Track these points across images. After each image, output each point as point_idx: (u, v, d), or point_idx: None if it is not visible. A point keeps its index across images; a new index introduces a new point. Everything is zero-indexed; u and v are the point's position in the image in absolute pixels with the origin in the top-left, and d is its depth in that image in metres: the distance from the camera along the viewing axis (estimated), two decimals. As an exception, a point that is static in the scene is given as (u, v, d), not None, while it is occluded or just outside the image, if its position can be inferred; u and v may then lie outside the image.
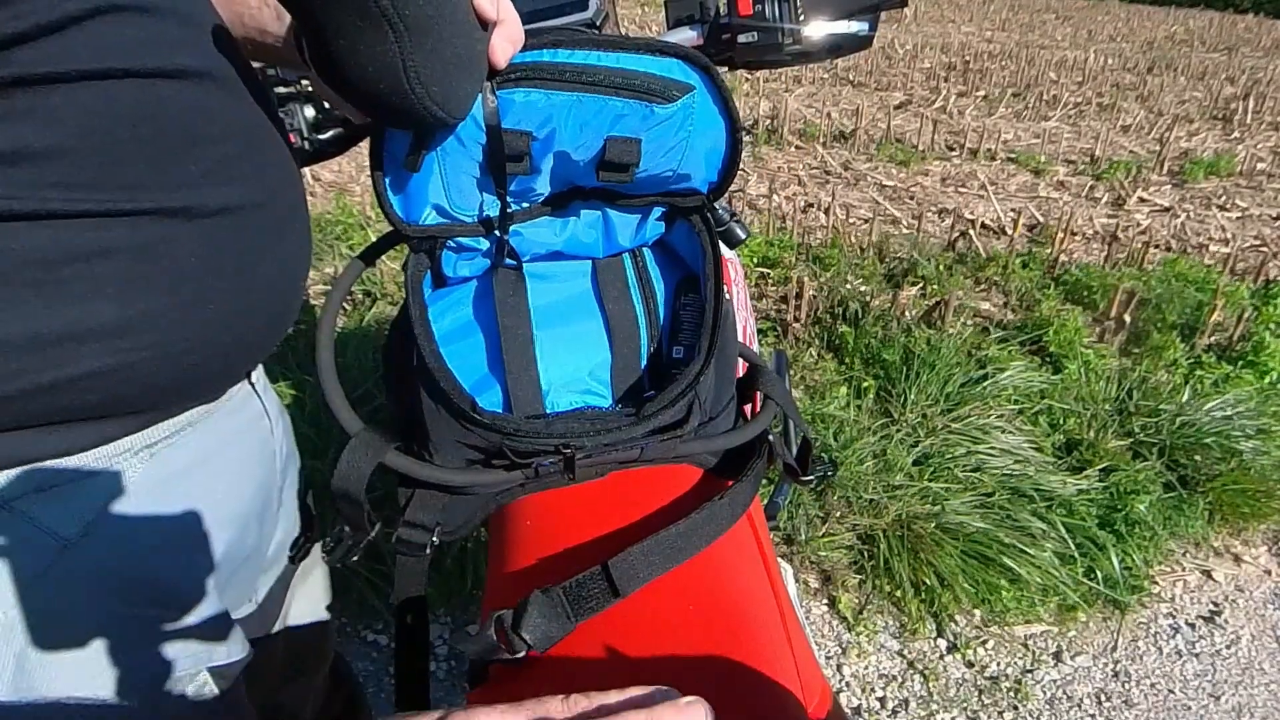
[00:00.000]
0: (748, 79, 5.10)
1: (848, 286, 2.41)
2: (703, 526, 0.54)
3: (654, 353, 0.62)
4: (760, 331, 2.22)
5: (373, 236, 2.34)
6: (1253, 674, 1.42)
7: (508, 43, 0.51)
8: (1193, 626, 1.51)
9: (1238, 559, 1.67)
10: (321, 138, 0.72)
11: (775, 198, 3.15)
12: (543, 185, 0.60)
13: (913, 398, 1.84)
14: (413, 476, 0.58)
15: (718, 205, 0.69)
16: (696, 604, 0.53)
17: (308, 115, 0.71)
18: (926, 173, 3.73)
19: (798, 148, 4.04)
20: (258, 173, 0.48)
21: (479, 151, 0.55)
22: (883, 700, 1.35)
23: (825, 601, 1.52)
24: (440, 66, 0.45)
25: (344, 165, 3.47)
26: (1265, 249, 2.93)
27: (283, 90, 0.71)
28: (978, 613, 1.49)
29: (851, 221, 2.98)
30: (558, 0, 0.69)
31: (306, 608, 0.74)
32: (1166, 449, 1.77)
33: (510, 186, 0.58)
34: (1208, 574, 1.63)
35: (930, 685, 1.37)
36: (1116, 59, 6.84)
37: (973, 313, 2.33)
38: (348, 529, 0.61)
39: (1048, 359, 2.10)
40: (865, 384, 1.94)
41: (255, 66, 0.66)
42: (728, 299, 0.61)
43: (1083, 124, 4.64)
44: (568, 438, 0.55)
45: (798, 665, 0.53)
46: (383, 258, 0.76)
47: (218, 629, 0.52)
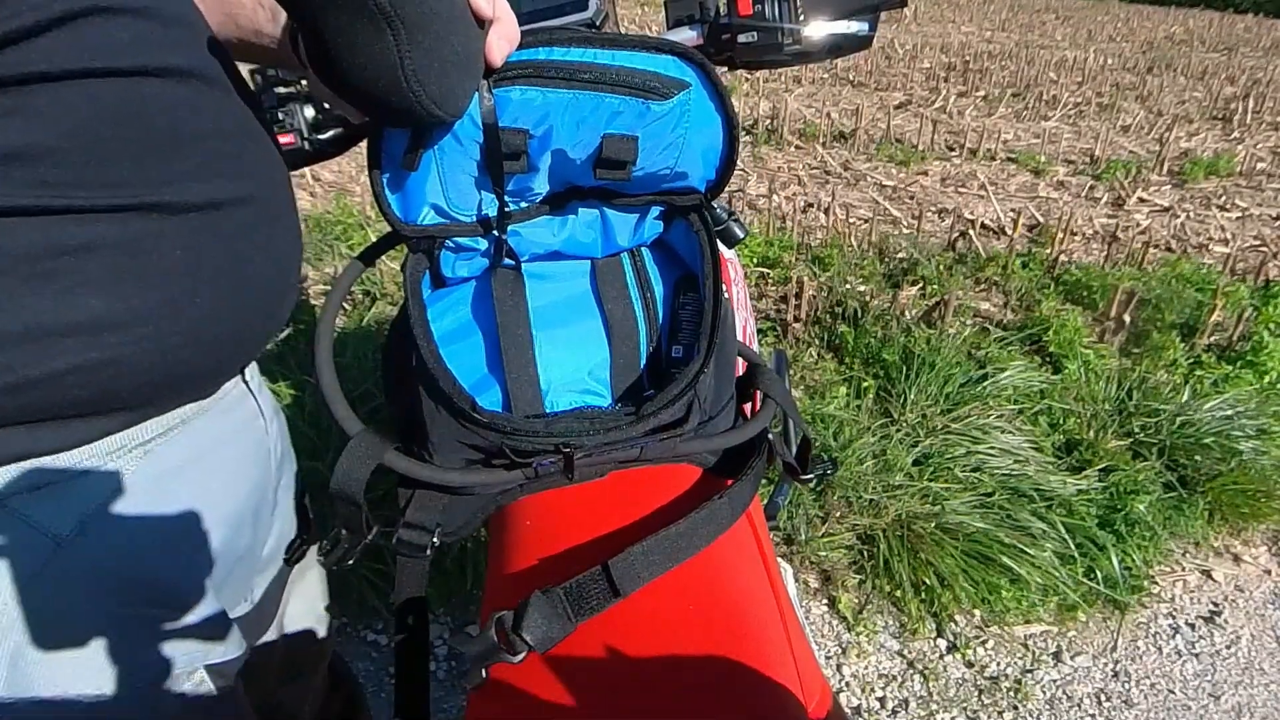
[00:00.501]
0: (748, 79, 5.10)
1: (847, 286, 2.41)
2: (703, 526, 0.54)
3: (653, 352, 0.62)
4: (760, 331, 2.22)
5: (372, 237, 2.34)
6: (1252, 674, 1.42)
7: (504, 41, 0.51)
8: (1193, 626, 1.51)
9: (1237, 559, 1.67)
10: (321, 138, 0.71)
11: (775, 197, 3.15)
12: (540, 184, 0.60)
13: (912, 398, 1.84)
14: (412, 477, 0.58)
15: (715, 204, 0.69)
16: (696, 604, 0.53)
17: (308, 115, 0.71)
18: (926, 173, 3.73)
19: (797, 148, 4.04)
20: (244, 169, 0.48)
21: (476, 150, 0.55)
22: (883, 700, 1.35)
23: (825, 601, 1.52)
24: (438, 65, 0.45)
25: (344, 165, 3.47)
26: (1265, 249, 2.93)
27: (282, 90, 0.71)
28: (978, 613, 1.49)
29: (851, 221, 2.98)
30: (557, 0, 0.69)
31: (304, 607, 0.74)
32: (1166, 449, 1.77)
33: (508, 185, 0.58)
34: (1207, 574, 1.63)
35: (930, 685, 1.37)
36: (1116, 59, 6.84)
37: (972, 313, 2.33)
38: (345, 532, 0.61)
39: (1048, 359, 2.10)
40: (865, 384, 1.94)
41: (255, 67, 0.66)
42: (726, 298, 0.61)
43: (1082, 124, 4.64)
44: (567, 437, 0.55)
45: (798, 665, 0.53)
46: (382, 258, 0.76)
47: (214, 627, 0.52)
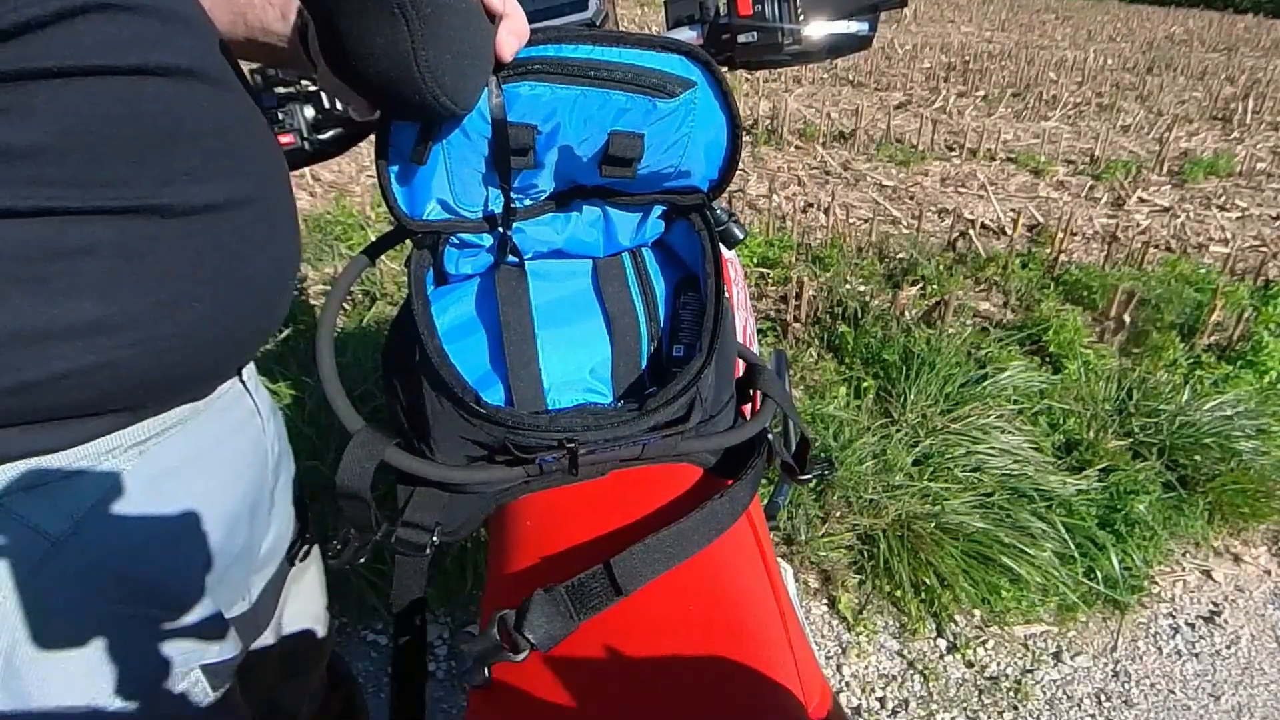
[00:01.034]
0: (748, 79, 5.10)
1: (847, 286, 2.41)
2: (703, 525, 0.54)
3: (654, 351, 0.62)
4: (760, 331, 2.22)
5: (372, 237, 2.34)
6: (1252, 674, 1.42)
7: (513, 36, 0.51)
8: (1192, 626, 1.51)
9: (1237, 559, 1.67)
10: (321, 138, 0.71)
11: (775, 198, 3.15)
12: (546, 182, 0.61)
13: (912, 398, 1.84)
14: (415, 474, 0.58)
15: (715, 205, 0.69)
16: (696, 604, 0.53)
17: (308, 115, 0.71)
18: (926, 173, 3.73)
19: (797, 148, 4.04)
20: (243, 170, 0.47)
21: (484, 145, 0.56)
22: (883, 700, 1.35)
23: (825, 601, 1.51)
24: (450, 57, 0.45)
25: (344, 165, 3.47)
26: (1265, 249, 2.93)
27: (282, 90, 0.71)
28: (978, 613, 1.49)
29: (851, 221, 2.98)
30: (558, 0, 0.69)
31: (302, 606, 0.74)
32: (1166, 449, 1.77)
33: (514, 182, 0.58)
34: (1207, 574, 1.63)
35: (930, 685, 1.37)
36: (1116, 59, 6.84)
37: (972, 313, 2.33)
38: (354, 530, 0.60)
39: (1047, 359, 2.10)
40: (865, 384, 1.94)
41: (255, 66, 0.66)
42: (727, 297, 0.61)
43: (1082, 124, 4.64)
44: (571, 432, 0.55)
45: (798, 665, 0.53)
46: (382, 258, 0.76)
47: (210, 627, 0.51)
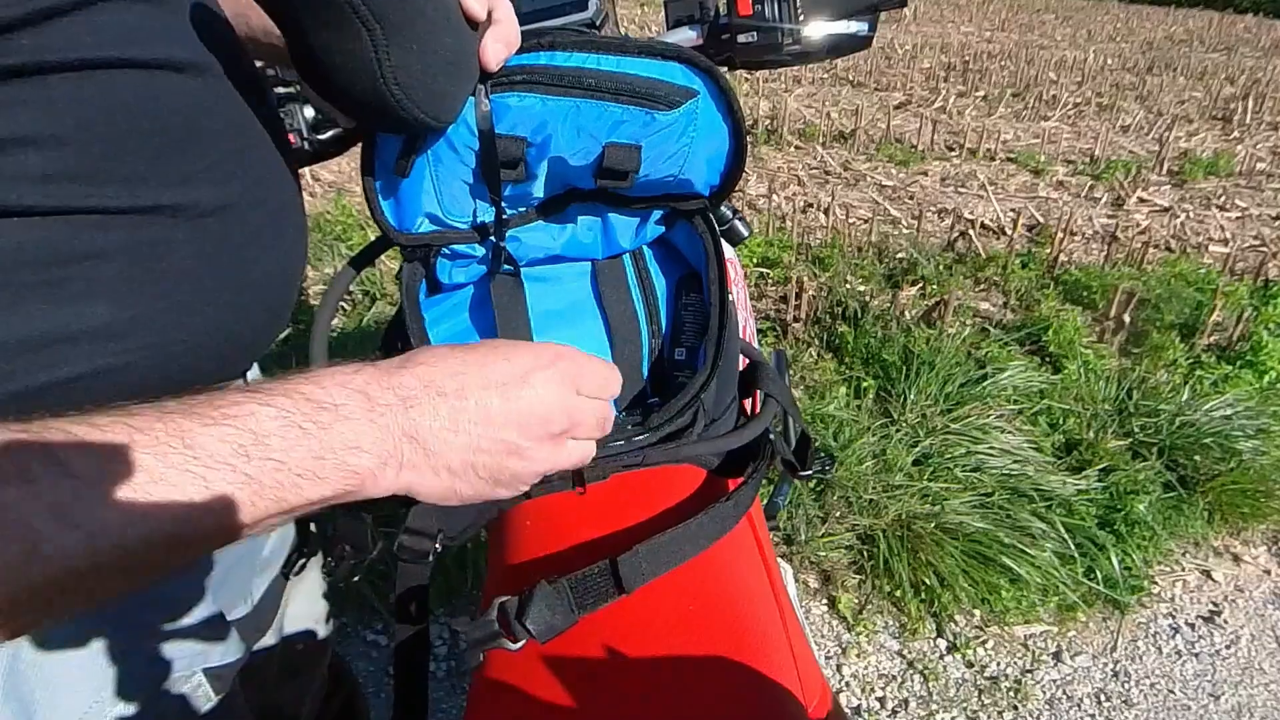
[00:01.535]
0: (748, 79, 5.10)
1: (847, 286, 2.41)
2: (709, 527, 0.54)
3: (655, 355, 0.61)
4: (760, 331, 2.22)
5: (372, 237, 2.34)
6: (1252, 674, 1.42)
7: (500, 44, 0.49)
8: (1192, 626, 1.51)
9: (1237, 559, 1.67)
10: (321, 138, 0.71)
11: (775, 198, 3.15)
12: (539, 190, 0.59)
13: (912, 398, 1.84)
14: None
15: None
16: (696, 604, 0.53)
17: (307, 115, 0.71)
18: (926, 173, 3.73)
19: (797, 148, 4.04)
20: (255, 169, 0.47)
21: (472, 157, 0.54)
22: (882, 700, 1.35)
23: (825, 601, 1.51)
24: (421, 67, 0.43)
25: (344, 165, 3.47)
26: (1264, 249, 2.93)
27: (282, 90, 0.71)
28: (977, 613, 1.49)
29: (851, 221, 2.98)
30: (557, 0, 0.68)
31: (304, 608, 0.74)
32: (1166, 449, 1.77)
33: (505, 192, 0.57)
34: (1207, 574, 1.63)
35: (930, 685, 1.37)
36: (1116, 59, 6.84)
37: (972, 313, 2.33)
38: (349, 548, 0.59)
39: (1047, 359, 2.10)
40: (865, 384, 1.94)
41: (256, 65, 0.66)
42: (731, 301, 0.61)
43: (1082, 124, 4.64)
44: None
45: (798, 665, 0.53)
46: (381, 257, 0.76)
47: (213, 630, 0.51)
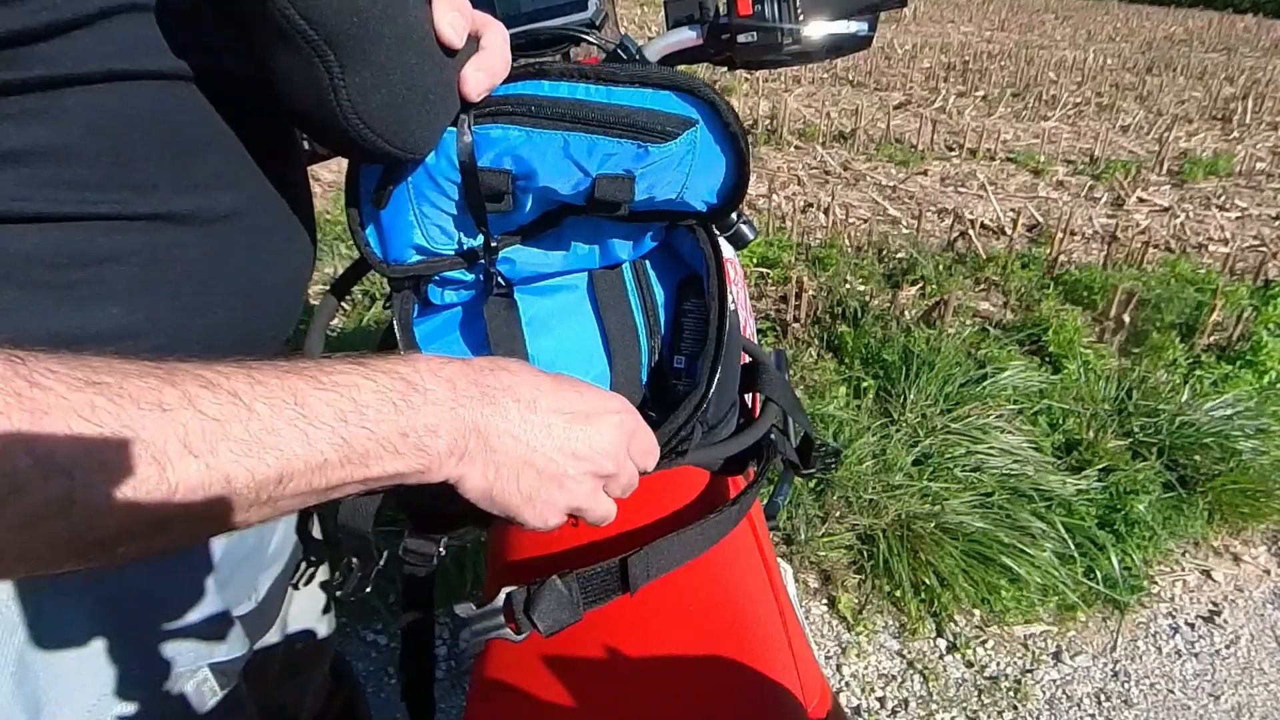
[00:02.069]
0: (747, 79, 5.11)
1: (847, 286, 2.41)
2: (714, 529, 0.54)
3: (654, 363, 0.61)
4: (760, 331, 2.22)
5: (372, 236, 2.32)
6: (1252, 674, 1.42)
7: (483, 73, 0.45)
8: (1192, 626, 1.51)
9: (1237, 559, 1.68)
10: None
11: (775, 198, 3.15)
12: (528, 217, 0.56)
13: (912, 398, 1.84)
14: (419, 509, 0.56)
15: None
16: (697, 604, 0.53)
17: None
18: (926, 172, 3.73)
19: (797, 148, 4.04)
20: (267, 175, 0.47)
21: (455, 190, 0.51)
22: (882, 700, 1.35)
23: (825, 601, 1.52)
24: (384, 96, 0.40)
25: (344, 165, 3.45)
26: (1264, 249, 2.93)
27: None
28: (977, 613, 1.49)
29: (851, 221, 2.98)
30: (557, 0, 0.68)
31: (307, 606, 0.74)
32: (1166, 449, 1.77)
33: (492, 220, 0.54)
34: (1207, 574, 1.63)
35: (930, 685, 1.37)
36: (1115, 59, 6.84)
37: (972, 313, 2.33)
38: (355, 561, 0.59)
39: (1047, 359, 2.10)
40: (865, 384, 1.94)
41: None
42: (732, 308, 0.60)
43: (1082, 124, 4.65)
44: None
45: (798, 665, 0.53)
46: None
47: (218, 627, 0.52)
